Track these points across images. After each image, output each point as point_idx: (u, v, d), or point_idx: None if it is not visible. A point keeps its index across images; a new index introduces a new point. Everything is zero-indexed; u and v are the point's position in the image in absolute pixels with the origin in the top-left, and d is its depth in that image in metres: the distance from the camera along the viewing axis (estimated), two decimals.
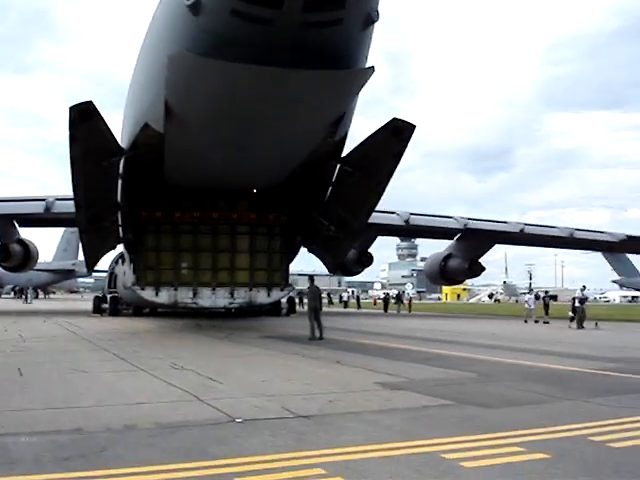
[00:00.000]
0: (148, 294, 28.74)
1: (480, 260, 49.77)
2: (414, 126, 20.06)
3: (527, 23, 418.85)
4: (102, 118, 19.02)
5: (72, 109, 18.07)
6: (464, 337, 25.30)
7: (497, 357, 17.61)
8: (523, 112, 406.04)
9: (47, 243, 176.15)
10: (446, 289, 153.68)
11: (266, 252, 30.07)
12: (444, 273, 50.73)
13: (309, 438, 7.83)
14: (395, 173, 22.08)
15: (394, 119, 20.00)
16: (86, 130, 18.95)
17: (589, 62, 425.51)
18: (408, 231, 48.22)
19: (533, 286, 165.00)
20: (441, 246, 51.01)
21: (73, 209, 38.61)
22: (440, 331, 29.22)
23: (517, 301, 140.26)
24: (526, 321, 35.90)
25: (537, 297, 43.68)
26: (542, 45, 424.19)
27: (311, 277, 24.10)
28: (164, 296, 28.73)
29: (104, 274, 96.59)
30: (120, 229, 28.58)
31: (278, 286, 30.27)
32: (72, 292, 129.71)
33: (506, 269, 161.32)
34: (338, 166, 23.40)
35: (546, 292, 48.53)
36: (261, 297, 30.04)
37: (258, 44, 13.76)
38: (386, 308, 55.40)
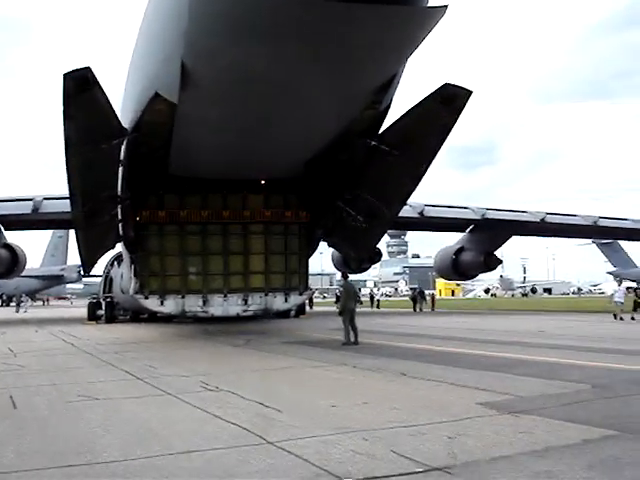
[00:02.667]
0: (152, 303, 25.54)
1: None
2: (470, 92, 17.02)
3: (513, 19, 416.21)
4: (102, 90, 15.88)
5: (67, 77, 14.91)
6: (516, 336, 22.30)
7: (582, 360, 14.77)
8: (509, 106, 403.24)
9: (34, 248, 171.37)
10: (440, 285, 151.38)
11: (283, 253, 26.91)
12: (457, 267, 48.12)
13: None
14: None
15: (446, 84, 16.94)
16: (83, 104, 15.79)
17: (575, 55, 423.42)
18: (422, 224, 45.09)
19: (527, 280, 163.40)
20: (432, 241, 47.90)
21: (63, 209, 35.87)
22: (482, 330, 26.25)
23: (513, 295, 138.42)
24: (622, 318, 32.06)
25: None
26: (532, 36, 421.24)
27: (345, 274, 21.18)
28: (171, 305, 25.54)
29: (94, 279, 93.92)
30: (120, 226, 25.36)
31: (296, 290, 27.13)
32: (60, 298, 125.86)
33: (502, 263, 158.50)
34: (372, 144, 20.30)
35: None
36: (278, 303, 26.91)
37: None
38: (415, 307, 52.11)
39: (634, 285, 69.94)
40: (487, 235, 45.12)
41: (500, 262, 48.30)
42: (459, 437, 7.44)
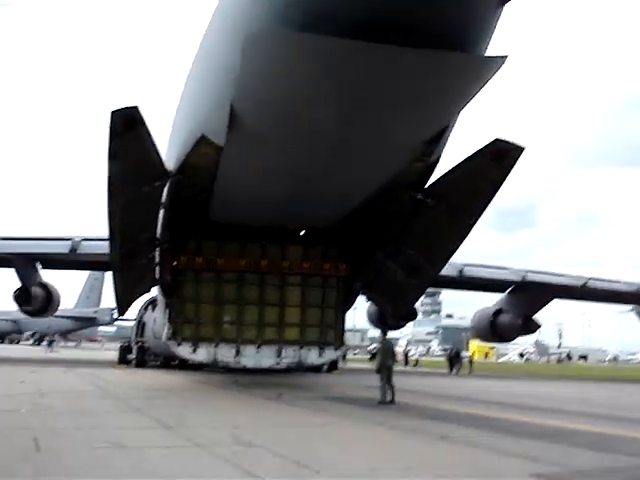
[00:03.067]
0: (185, 350, 25.02)
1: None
2: (522, 148, 16.49)
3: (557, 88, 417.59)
4: (148, 129, 15.71)
5: (114, 115, 14.77)
6: (560, 404, 21.39)
7: (634, 433, 13.98)
8: (547, 169, 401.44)
9: (68, 288, 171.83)
10: (473, 347, 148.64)
11: (319, 307, 26.20)
12: (495, 329, 46.90)
13: None
14: None
15: (496, 140, 16.42)
16: (129, 143, 15.62)
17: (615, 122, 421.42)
18: (461, 283, 44.16)
19: (562, 346, 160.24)
20: (465, 302, 46.22)
21: (100, 250, 35.86)
22: (523, 395, 25.27)
23: (548, 361, 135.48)
24: None
25: None
26: (571, 102, 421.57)
27: (384, 331, 20.58)
28: (203, 353, 24.98)
29: (126, 323, 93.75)
30: (156, 269, 25.06)
31: (331, 345, 26.39)
32: (91, 341, 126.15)
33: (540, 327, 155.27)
34: (417, 197, 19.78)
35: None
36: (312, 357, 26.10)
37: (362, 17, 10.47)
38: (452, 367, 50.45)
39: None
40: (527, 297, 43.97)
41: (539, 326, 46.88)
42: None
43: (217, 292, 25.39)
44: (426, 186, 19.15)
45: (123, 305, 27.60)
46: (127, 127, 15.10)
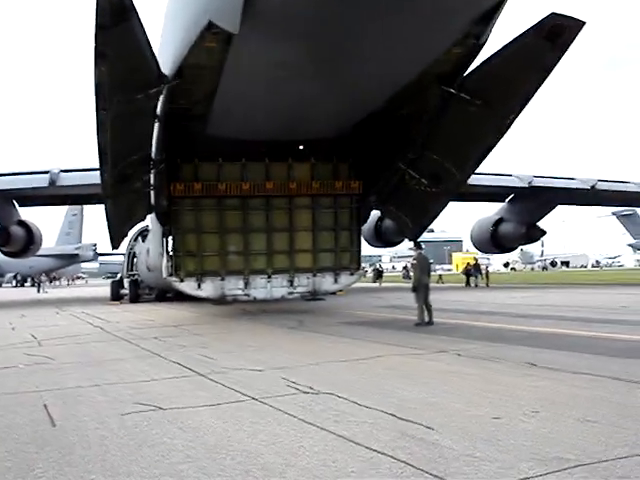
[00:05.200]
0: (189, 287, 22.79)
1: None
2: (582, 23, 14.01)
3: None
4: (141, 22, 13.08)
5: (101, 2, 12.04)
6: (605, 313, 19.53)
7: None
8: None
9: (47, 226, 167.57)
10: (457, 259, 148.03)
11: (332, 229, 24.17)
12: (495, 239, 45.20)
13: None
14: None
15: (552, 15, 13.88)
16: (119, 39, 12.91)
17: None
18: (465, 193, 41.54)
19: (545, 254, 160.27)
20: (445, 215, 42.53)
21: (81, 181, 33.34)
22: (557, 306, 23.41)
23: (532, 269, 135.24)
24: None
25: None
26: None
27: (418, 244, 18.41)
28: (209, 288, 22.85)
29: (110, 258, 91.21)
30: (152, 195, 22.51)
31: (347, 270, 24.39)
32: (76, 278, 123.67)
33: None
34: (449, 92, 17.20)
35: None
36: (327, 284, 24.19)
37: None
38: (468, 281, 49.27)
39: None
40: (530, 204, 42.12)
41: (544, 233, 45.13)
42: None
43: (220, 220, 23.05)
44: (463, 76, 16.62)
45: (116, 236, 25.05)
46: (117, 18, 12.40)
